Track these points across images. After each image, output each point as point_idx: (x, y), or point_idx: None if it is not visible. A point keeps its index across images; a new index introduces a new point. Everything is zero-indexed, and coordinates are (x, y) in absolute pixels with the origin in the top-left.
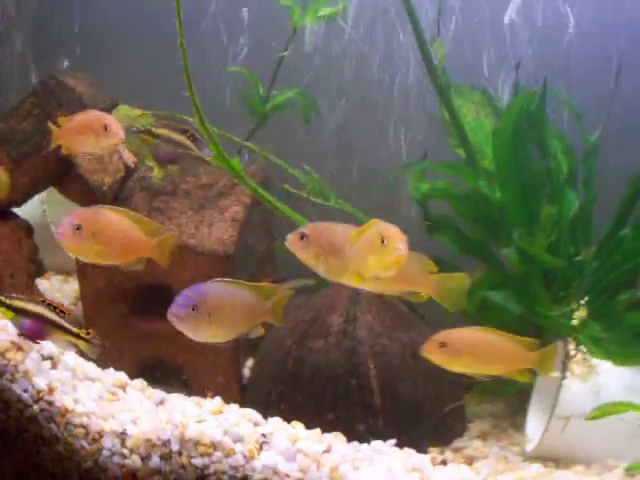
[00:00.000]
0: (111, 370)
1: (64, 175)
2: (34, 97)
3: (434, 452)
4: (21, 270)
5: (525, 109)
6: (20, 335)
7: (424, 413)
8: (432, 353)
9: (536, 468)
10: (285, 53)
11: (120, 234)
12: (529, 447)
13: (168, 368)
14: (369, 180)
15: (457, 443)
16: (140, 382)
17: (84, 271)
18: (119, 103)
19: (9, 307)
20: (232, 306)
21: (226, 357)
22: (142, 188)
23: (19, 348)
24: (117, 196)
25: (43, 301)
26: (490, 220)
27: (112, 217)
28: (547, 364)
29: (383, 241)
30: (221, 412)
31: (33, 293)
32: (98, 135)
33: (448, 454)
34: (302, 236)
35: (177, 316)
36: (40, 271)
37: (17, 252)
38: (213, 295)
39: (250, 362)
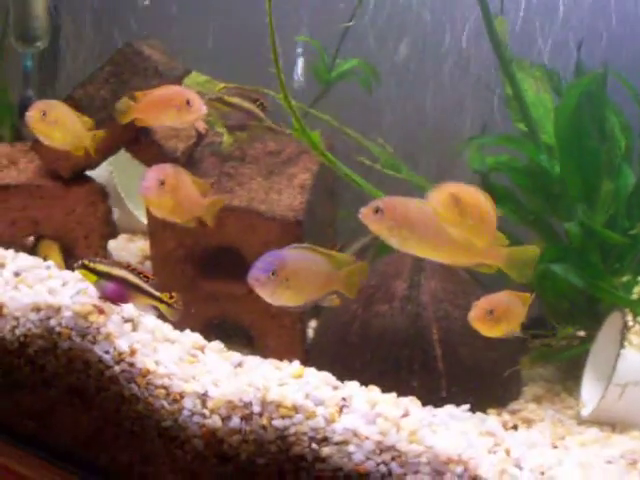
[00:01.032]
0: (188, 332)
1: (138, 141)
2: (111, 65)
3: (492, 413)
4: (95, 232)
5: (587, 89)
6: (102, 298)
7: (483, 376)
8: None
9: (594, 432)
10: (351, 24)
11: (189, 191)
12: (585, 412)
13: (231, 327)
14: (428, 152)
15: (513, 406)
16: (217, 344)
17: (155, 233)
18: (191, 71)
19: (92, 270)
20: (309, 272)
21: (291, 318)
22: (211, 154)
23: (101, 311)
24: (188, 161)
25: (127, 266)
26: (549, 193)
27: (184, 175)
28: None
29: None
30: (301, 376)
31: (106, 255)
32: (180, 110)
33: (505, 416)
34: (376, 210)
35: (257, 280)
36: (114, 233)
37: (92, 215)
38: (292, 261)
39: (313, 323)
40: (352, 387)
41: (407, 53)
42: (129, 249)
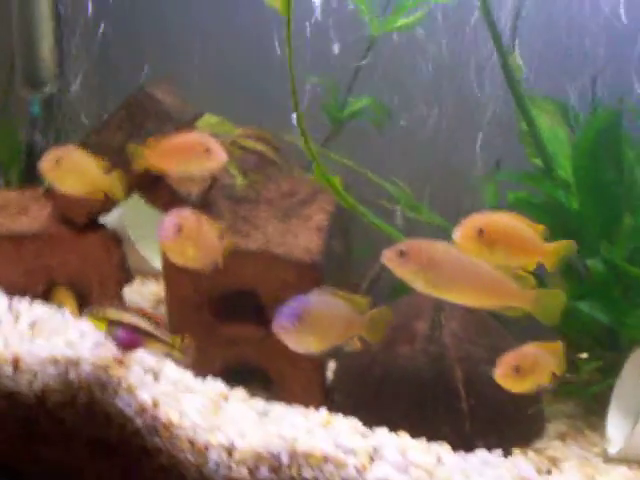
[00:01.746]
0: (210, 380)
1: (152, 185)
2: (124, 110)
3: (518, 453)
4: (110, 278)
5: (603, 125)
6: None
7: (508, 415)
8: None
9: (623, 471)
10: (364, 62)
11: (208, 236)
12: (612, 449)
13: (249, 371)
14: (444, 188)
15: (538, 444)
16: (241, 392)
17: (170, 278)
18: (203, 114)
19: (102, 319)
20: (333, 318)
21: (311, 361)
22: (225, 196)
23: (121, 363)
24: (202, 204)
25: (137, 311)
26: (567, 229)
27: (203, 220)
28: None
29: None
30: (329, 424)
31: (121, 301)
32: (199, 158)
33: (531, 455)
34: (401, 253)
35: (282, 327)
36: (129, 279)
37: (106, 261)
38: (316, 307)
39: (332, 365)
40: (381, 434)
41: (418, 91)
42: (141, 293)
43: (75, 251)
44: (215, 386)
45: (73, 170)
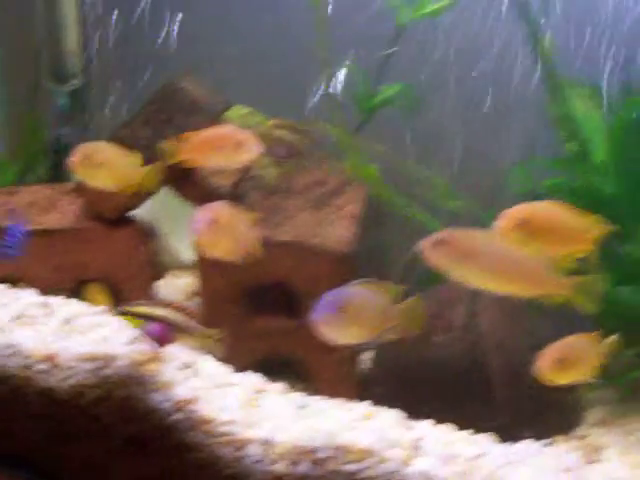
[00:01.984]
0: (248, 374)
1: (183, 178)
2: (153, 103)
3: (560, 441)
4: (141, 273)
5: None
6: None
7: (546, 404)
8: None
9: None
10: (393, 49)
11: (242, 229)
12: None
13: (281, 362)
14: (476, 176)
15: (578, 432)
16: (279, 385)
17: (204, 271)
18: (233, 104)
19: (134, 314)
20: (372, 309)
21: (345, 351)
22: (256, 187)
23: (157, 358)
24: (233, 196)
25: (168, 304)
26: (604, 215)
27: (236, 212)
28: None
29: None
30: (371, 417)
31: (152, 296)
32: (233, 151)
33: (571, 443)
34: (438, 242)
35: (322, 318)
36: (160, 273)
37: (137, 256)
38: (356, 298)
39: (367, 355)
40: (423, 426)
41: (450, 75)
42: (174, 286)
43: (105, 246)
44: (252, 380)
45: (104, 165)
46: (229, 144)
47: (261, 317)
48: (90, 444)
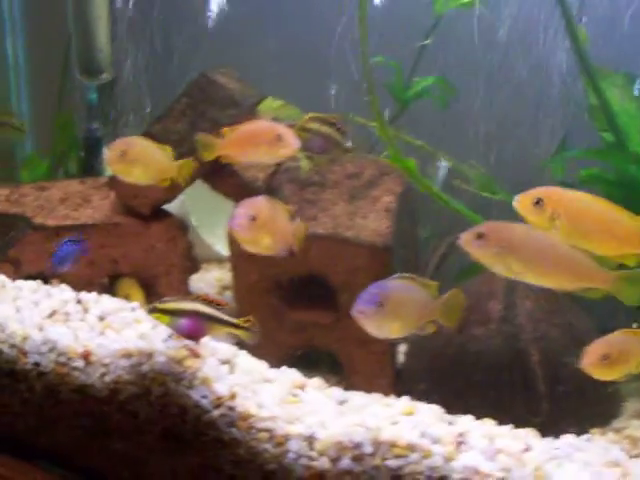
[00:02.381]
0: (285, 369)
1: (217, 171)
2: (187, 97)
3: (596, 434)
4: (176, 268)
5: None
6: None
7: (585, 396)
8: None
9: None
10: (428, 42)
11: (282, 224)
12: None
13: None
14: (510, 167)
15: (616, 424)
16: (318, 381)
17: (238, 265)
18: (266, 97)
19: (162, 311)
20: (412, 303)
21: (381, 344)
22: (289, 180)
23: (196, 355)
24: (267, 189)
25: (197, 297)
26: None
27: (276, 207)
28: None
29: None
30: (412, 413)
31: (186, 291)
32: (271, 146)
33: (610, 435)
34: (479, 235)
35: (363, 312)
36: (195, 268)
37: (172, 250)
38: (396, 292)
39: (403, 348)
40: (465, 421)
41: (486, 65)
42: (206, 279)
43: (140, 241)
44: (290, 375)
45: (140, 160)
46: (268, 139)
47: (296, 310)
48: (127, 440)
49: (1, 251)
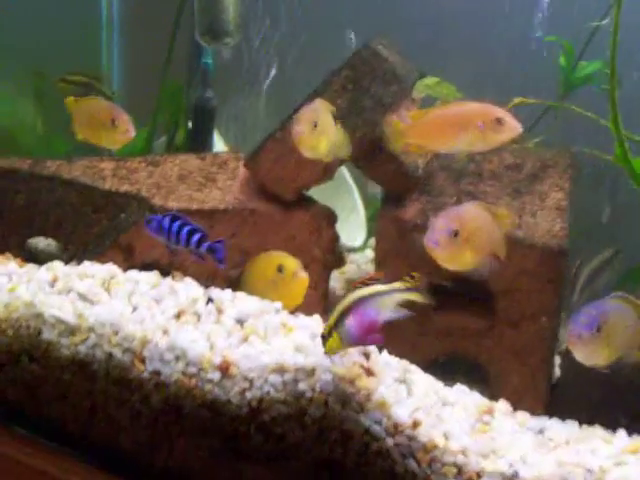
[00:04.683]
0: (465, 389)
1: (372, 155)
2: (349, 69)
3: None
4: (317, 262)
5: None
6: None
7: None
8: None
9: None
10: (604, 22)
11: (488, 235)
12: None
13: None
14: None
15: None
16: (503, 404)
17: (384, 262)
18: (426, 74)
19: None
20: (626, 327)
21: (538, 357)
22: (442, 168)
23: (370, 373)
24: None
25: (361, 282)
26: None
27: (482, 217)
28: None
29: None
30: (638, 450)
31: (327, 289)
32: (485, 131)
33: None
34: None
35: (579, 336)
36: (340, 263)
37: (314, 242)
38: (615, 316)
39: (557, 360)
40: None
41: None
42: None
43: (278, 231)
44: (474, 398)
45: (326, 133)
46: (482, 122)
47: (444, 315)
48: (264, 466)
49: (109, 235)
